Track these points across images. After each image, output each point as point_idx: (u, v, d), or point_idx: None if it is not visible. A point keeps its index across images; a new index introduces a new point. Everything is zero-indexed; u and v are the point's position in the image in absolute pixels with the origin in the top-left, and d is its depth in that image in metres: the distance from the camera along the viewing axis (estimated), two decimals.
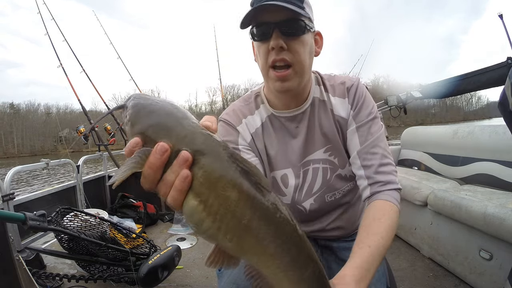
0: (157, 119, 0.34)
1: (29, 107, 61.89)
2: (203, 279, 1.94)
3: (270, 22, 0.69)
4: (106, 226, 1.74)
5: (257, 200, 0.33)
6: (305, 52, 0.72)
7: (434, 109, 63.76)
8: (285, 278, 0.36)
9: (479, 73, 2.46)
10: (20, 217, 1.21)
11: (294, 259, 0.36)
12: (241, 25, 0.72)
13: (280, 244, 0.34)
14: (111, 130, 3.45)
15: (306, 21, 0.70)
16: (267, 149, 0.84)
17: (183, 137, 0.33)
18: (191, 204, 0.32)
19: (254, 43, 0.77)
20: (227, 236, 0.32)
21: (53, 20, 3.49)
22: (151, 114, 0.34)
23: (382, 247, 0.60)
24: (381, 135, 0.78)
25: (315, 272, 0.38)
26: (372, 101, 0.81)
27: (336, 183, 0.84)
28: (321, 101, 0.83)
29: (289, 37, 0.69)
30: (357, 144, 0.77)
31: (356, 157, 0.77)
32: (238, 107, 0.87)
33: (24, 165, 2.18)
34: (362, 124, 0.78)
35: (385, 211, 0.68)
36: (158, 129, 0.33)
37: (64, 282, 1.68)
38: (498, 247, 1.41)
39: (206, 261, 0.35)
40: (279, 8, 0.66)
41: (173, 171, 0.32)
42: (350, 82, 0.82)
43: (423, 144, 2.71)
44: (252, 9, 0.68)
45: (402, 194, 2.14)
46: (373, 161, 0.74)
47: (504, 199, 1.54)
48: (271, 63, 0.71)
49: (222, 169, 0.32)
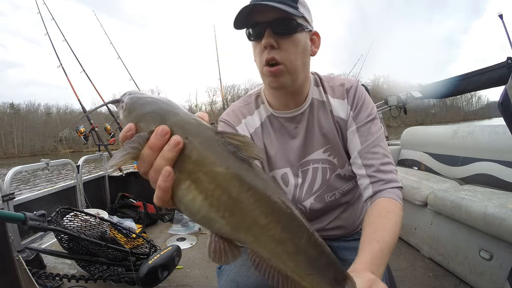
0: (152, 108, 0.37)
1: (29, 107, 61.97)
2: (203, 279, 1.94)
3: (262, 22, 0.70)
4: (106, 226, 1.74)
5: (243, 173, 0.34)
6: (297, 51, 0.72)
7: (434, 109, 63.79)
8: (282, 252, 0.36)
9: (479, 73, 2.46)
10: (20, 217, 1.21)
11: (285, 228, 0.36)
12: (235, 25, 0.73)
13: (269, 214, 0.35)
14: (111, 130, 3.45)
15: (299, 20, 0.71)
16: (266, 149, 0.85)
17: (175, 123, 0.35)
18: (183, 185, 0.34)
19: (251, 43, 0.78)
20: (219, 213, 0.33)
21: (53, 20, 3.50)
22: (146, 104, 0.37)
23: (390, 244, 0.59)
24: (381, 135, 0.78)
25: (311, 239, 0.38)
26: (371, 102, 0.82)
27: (335, 182, 0.85)
28: (320, 102, 0.83)
29: (280, 36, 0.70)
30: (358, 144, 0.78)
31: (357, 156, 0.77)
32: (237, 108, 0.88)
33: (24, 165, 2.18)
34: (362, 124, 0.78)
35: (390, 208, 0.68)
36: (153, 116, 0.36)
37: (64, 282, 1.68)
38: (498, 247, 1.41)
39: (209, 253, 0.35)
40: (271, 8, 0.67)
41: (163, 156, 0.33)
42: (349, 84, 0.83)
43: (423, 144, 2.71)
44: (243, 9, 0.69)
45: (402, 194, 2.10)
46: (374, 161, 0.75)
47: (504, 199, 1.54)
48: (265, 62, 0.72)
49: (211, 148, 0.34)
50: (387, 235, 0.60)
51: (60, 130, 45.72)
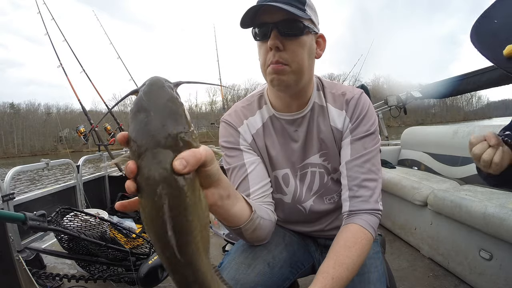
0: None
1: (29, 107, 61.95)
2: None
3: (269, 23, 0.70)
4: (106, 226, 1.74)
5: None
6: (303, 53, 0.72)
7: (434, 109, 63.79)
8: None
9: (479, 73, 2.45)
10: (20, 217, 1.21)
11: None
12: (242, 24, 0.73)
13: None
14: (111, 130, 3.45)
15: (306, 22, 0.71)
16: (268, 149, 0.85)
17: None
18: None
19: (257, 43, 0.78)
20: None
21: (53, 20, 3.49)
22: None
23: (345, 279, 0.62)
24: (375, 150, 0.77)
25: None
26: (373, 116, 0.80)
27: (332, 186, 0.86)
28: (320, 107, 0.83)
29: (286, 38, 0.70)
30: (348, 155, 0.77)
31: (344, 166, 0.77)
32: (239, 108, 0.88)
33: (24, 165, 2.18)
34: (357, 138, 0.77)
35: (358, 239, 0.67)
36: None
37: (64, 282, 1.68)
38: (498, 247, 1.41)
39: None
40: (278, 9, 0.67)
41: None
42: (350, 94, 0.81)
43: (423, 144, 2.71)
44: (250, 8, 0.68)
45: (402, 194, 2.12)
46: (359, 174, 0.74)
47: (504, 199, 1.54)
48: (269, 63, 0.72)
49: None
50: (344, 271, 0.62)
51: (60, 130, 45.71)
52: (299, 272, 0.88)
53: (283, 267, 0.81)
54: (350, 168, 0.76)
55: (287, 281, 0.82)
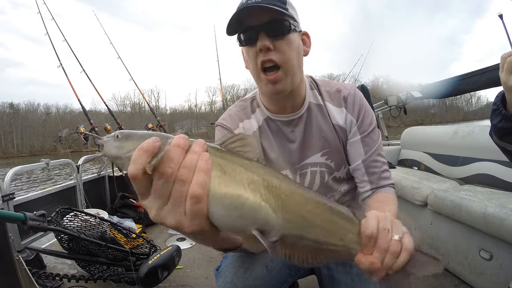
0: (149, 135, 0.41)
1: (28, 107, 61.80)
2: (203, 279, 1.94)
3: (255, 25, 0.70)
4: (106, 226, 1.74)
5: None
6: (292, 52, 0.72)
7: (434, 109, 63.79)
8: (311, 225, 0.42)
9: (479, 73, 2.45)
10: (20, 217, 1.21)
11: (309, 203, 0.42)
12: (228, 32, 0.73)
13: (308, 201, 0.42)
14: (111, 130, 3.44)
15: (291, 21, 0.71)
16: (266, 151, 0.85)
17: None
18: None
19: (243, 49, 0.77)
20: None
21: (53, 20, 3.49)
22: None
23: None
24: (380, 141, 0.84)
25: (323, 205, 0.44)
26: (370, 108, 0.85)
27: (333, 184, 0.86)
28: (318, 106, 0.84)
29: (275, 38, 0.70)
30: (362, 153, 0.82)
31: (361, 165, 0.81)
32: (234, 112, 0.88)
33: (24, 165, 2.18)
34: (366, 134, 0.82)
35: (390, 198, 0.77)
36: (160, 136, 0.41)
37: (64, 282, 1.68)
38: (498, 247, 1.41)
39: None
40: (263, 11, 0.67)
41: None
42: (346, 91, 0.83)
43: (423, 144, 2.71)
44: (236, 13, 0.68)
45: (402, 194, 2.13)
46: (377, 169, 0.81)
47: (504, 199, 1.54)
48: (261, 65, 0.72)
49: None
50: (393, 210, 0.70)
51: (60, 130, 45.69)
52: (298, 274, 0.88)
53: (281, 270, 0.81)
54: (367, 165, 0.81)
55: (285, 284, 0.82)
